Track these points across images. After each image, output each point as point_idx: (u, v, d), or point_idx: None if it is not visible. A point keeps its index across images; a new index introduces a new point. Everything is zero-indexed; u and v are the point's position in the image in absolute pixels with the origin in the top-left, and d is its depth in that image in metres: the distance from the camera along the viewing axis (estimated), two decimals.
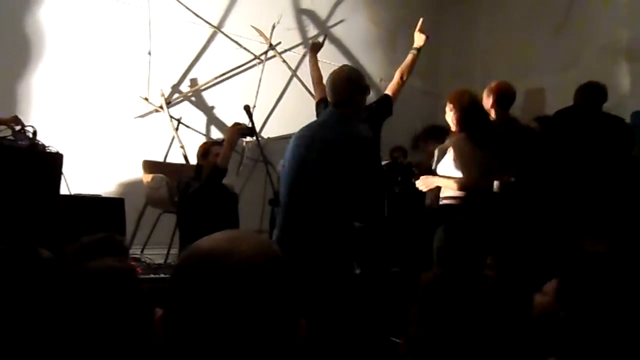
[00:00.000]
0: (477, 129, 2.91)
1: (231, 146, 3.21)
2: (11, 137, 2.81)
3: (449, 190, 2.93)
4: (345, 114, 2.45)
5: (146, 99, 4.34)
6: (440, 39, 5.77)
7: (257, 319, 0.70)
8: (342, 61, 5.26)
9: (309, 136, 2.45)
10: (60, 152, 3.01)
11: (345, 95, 2.46)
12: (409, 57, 3.39)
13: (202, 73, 4.63)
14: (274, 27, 4.74)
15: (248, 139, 3.73)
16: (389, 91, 3.19)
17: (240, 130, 3.20)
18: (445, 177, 2.96)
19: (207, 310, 0.70)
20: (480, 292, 1.31)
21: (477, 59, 5.39)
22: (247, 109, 3.51)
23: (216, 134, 4.62)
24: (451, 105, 2.98)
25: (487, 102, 3.39)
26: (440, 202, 2.97)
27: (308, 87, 4.54)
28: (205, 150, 3.42)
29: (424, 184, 3.00)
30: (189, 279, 0.72)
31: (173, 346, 0.72)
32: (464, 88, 3.18)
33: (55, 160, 2.94)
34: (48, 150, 2.94)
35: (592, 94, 3.44)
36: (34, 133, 2.90)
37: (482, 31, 5.47)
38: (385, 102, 3.11)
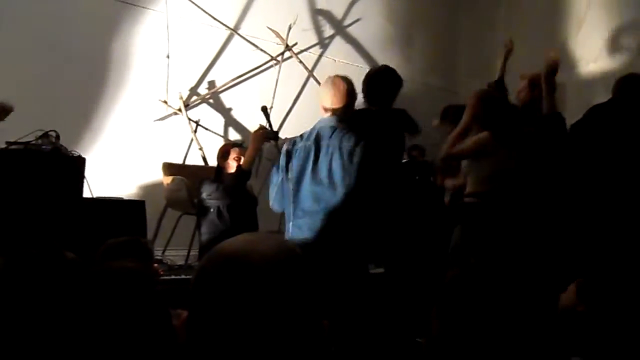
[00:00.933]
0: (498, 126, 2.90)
1: (256, 150, 3.27)
2: (35, 142, 2.86)
3: (471, 187, 2.93)
4: None
5: (165, 102, 4.39)
6: (458, 36, 5.76)
7: (277, 319, 0.71)
8: (357, 60, 5.27)
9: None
10: (83, 155, 3.06)
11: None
12: None
13: (220, 75, 4.66)
14: (290, 27, 4.76)
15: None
16: None
17: (265, 134, 3.25)
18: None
19: (229, 311, 0.71)
20: (503, 290, 1.30)
21: (496, 56, 5.33)
22: (264, 110, 3.54)
23: (234, 136, 4.66)
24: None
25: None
26: (465, 200, 2.95)
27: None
28: (225, 152, 3.45)
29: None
30: (211, 280, 0.74)
31: (196, 347, 0.73)
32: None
33: (77, 164, 2.99)
34: (71, 154, 2.99)
35: (630, 86, 3.14)
36: (57, 137, 2.95)
37: (500, 28, 5.41)
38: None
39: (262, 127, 3.28)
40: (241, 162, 3.33)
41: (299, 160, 2.48)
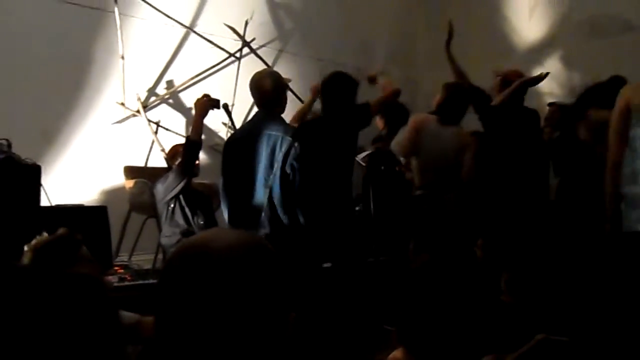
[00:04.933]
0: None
1: (201, 117, 3.21)
2: None
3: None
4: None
5: (122, 104, 4.28)
6: (415, 25, 5.79)
7: (238, 309, 0.70)
8: (318, 54, 5.25)
9: None
10: (38, 163, 2.96)
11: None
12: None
13: (178, 74, 4.58)
14: (247, 23, 4.70)
15: (225, 118, 3.73)
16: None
17: (210, 102, 3.21)
18: None
19: (190, 303, 0.71)
20: (467, 275, 1.32)
21: (453, 43, 5.42)
22: (225, 107, 3.50)
23: None
24: None
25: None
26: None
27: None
28: (175, 153, 3.46)
29: None
30: (173, 275, 0.74)
31: (164, 342, 0.73)
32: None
33: (32, 172, 2.88)
34: (24, 163, 2.88)
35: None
36: (9, 145, 2.83)
37: (456, 15, 5.49)
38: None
39: (205, 95, 3.24)
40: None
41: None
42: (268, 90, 2.86)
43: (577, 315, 1.42)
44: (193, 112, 4.63)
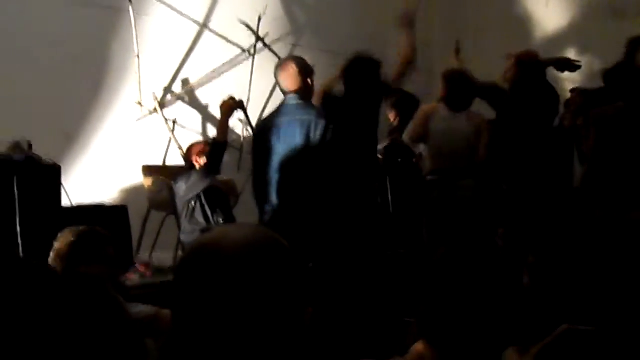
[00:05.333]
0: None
1: (227, 118, 3.27)
2: (6, 153, 2.79)
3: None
4: None
5: (139, 103, 4.32)
6: (431, 15, 5.71)
7: (253, 305, 0.70)
8: (332, 47, 5.22)
9: None
10: (58, 163, 3.00)
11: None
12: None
13: (193, 72, 4.59)
14: (260, 18, 4.69)
15: (241, 114, 3.74)
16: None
17: (235, 104, 3.26)
18: None
19: (205, 300, 0.70)
20: (489, 265, 1.30)
21: (470, 33, 5.35)
22: (240, 104, 3.51)
23: (213, 132, 4.60)
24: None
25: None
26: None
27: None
28: (192, 150, 3.52)
29: None
30: (187, 272, 0.74)
31: (181, 339, 0.73)
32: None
33: (53, 173, 2.92)
34: (45, 163, 2.93)
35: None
36: (30, 146, 2.88)
37: (472, 5, 5.41)
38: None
39: (231, 98, 3.27)
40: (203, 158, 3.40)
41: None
42: (296, 75, 2.87)
43: (604, 303, 1.38)
44: (209, 109, 4.69)
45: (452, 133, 3.38)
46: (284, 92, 2.95)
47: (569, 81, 4.40)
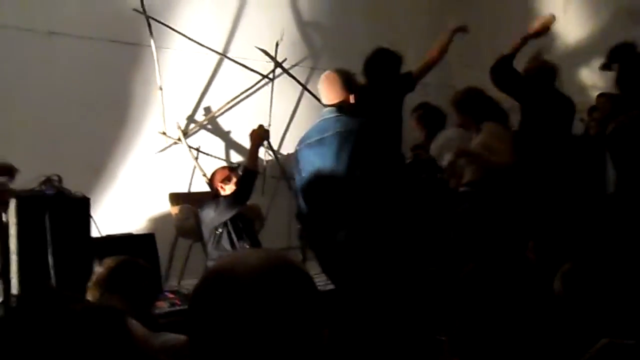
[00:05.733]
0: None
1: (257, 147, 3.30)
2: (38, 188, 2.87)
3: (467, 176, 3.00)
4: None
5: (164, 133, 4.40)
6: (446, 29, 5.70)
7: (269, 330, 0.70)
8: (349, 68, 5.25)
9: None
10: (87, 196, 3.07)
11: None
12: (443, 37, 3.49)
13: (214, 100, 4.68)
14: (277, 44, 4.77)
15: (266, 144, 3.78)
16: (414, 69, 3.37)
17: (264, 133, 3.30)
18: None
19: (221, 325, 0.71)
20: (520, 280, 1.26)
21: (485, 45, 5.33)
22: (267, 133, 3.59)
23: (236, 158, 4.66)
24: None
25: None
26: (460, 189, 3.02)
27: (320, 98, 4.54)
28: (216, 177, 3.56)
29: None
30: (203, 298, 0.74)
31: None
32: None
33: (82, 205, 2.99)
34: (74, 196, 2.99)
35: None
36: (60, 180, 2.95)
37: (489, 16, 5.41)
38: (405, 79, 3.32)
39: (261, 126, 3.30)
40: (230, 183, 3.42)
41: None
42: (334, 88, 2.76)
43: None
44: (231, 135, 4.75)
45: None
46: (324, 105, 2.85)
47: (592, 88, 4.34)
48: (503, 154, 3.22)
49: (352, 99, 2.74)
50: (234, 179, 3.47)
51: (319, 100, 4.64)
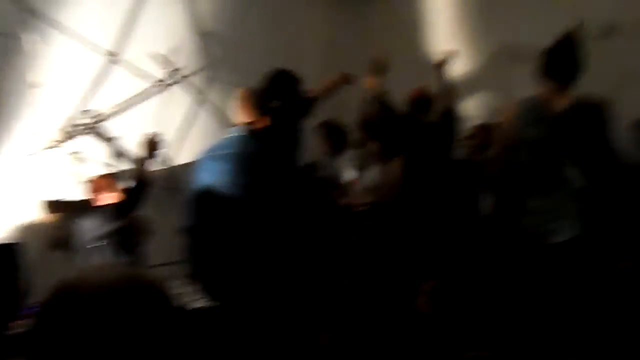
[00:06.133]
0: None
1: (148, 156, 3.26)
2: None
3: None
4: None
5: (40, 135, 4.05)
6: (342, 45, 5.88)
7: (108, 346, 0.66)
8: (249, 81, 5.22)
9: None
10: None
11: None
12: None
13: (101, 103, 4.40)
14: (173, 52, 4.62)
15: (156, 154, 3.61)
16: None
17: (157, 142, 3.16)
18: None
19: (60, 342, 0.67)
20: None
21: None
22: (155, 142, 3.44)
23: (120, 166, 4.39)
24: None
25: None
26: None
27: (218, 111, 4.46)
28: (97, 186, 3.40)
29: None
30: (46, 313, 0.72)
31: None
32: None
33: None
34: None
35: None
36: None
37: (377, 28, 5.69)
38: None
39: (152, 134, 3.18)
40: (112, 192, 3.26)
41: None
42: (244, 107, 2.81)
43: (500, 329, 1.41)
44: (116, 142, 4.47)
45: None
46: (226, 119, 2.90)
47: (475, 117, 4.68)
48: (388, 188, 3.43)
49: (266, 121, 2.75)
50: (116, 188, 3.28)
51: (218, 111, 4.56)
